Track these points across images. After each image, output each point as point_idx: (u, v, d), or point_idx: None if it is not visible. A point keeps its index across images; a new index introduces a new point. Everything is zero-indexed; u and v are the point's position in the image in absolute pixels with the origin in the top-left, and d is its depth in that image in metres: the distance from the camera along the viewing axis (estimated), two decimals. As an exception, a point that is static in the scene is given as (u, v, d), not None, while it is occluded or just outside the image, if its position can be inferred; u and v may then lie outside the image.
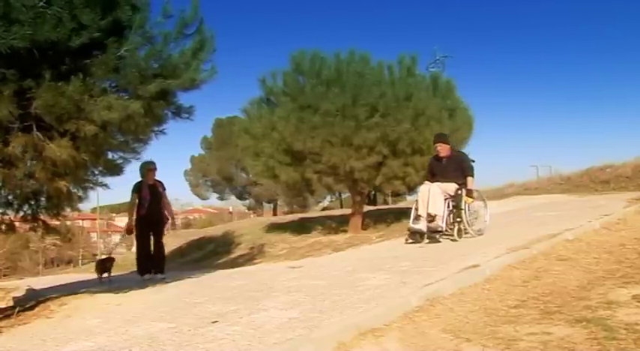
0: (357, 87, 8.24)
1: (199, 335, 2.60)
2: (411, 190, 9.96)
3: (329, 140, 8.25)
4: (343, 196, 26.63)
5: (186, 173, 33.74)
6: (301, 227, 10.94)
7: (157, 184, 6.21)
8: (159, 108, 4.41)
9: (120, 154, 4.94)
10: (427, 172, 6.31)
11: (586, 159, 57.36)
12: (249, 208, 36.88)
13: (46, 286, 7.77)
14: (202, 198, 35.94)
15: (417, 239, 5.69)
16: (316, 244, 8.55)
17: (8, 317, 4.08)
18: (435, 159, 6.16)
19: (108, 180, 5.13)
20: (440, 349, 2.19)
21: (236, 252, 10.59)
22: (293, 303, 3.13)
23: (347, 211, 11.32)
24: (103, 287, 5.68)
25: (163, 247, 6.35)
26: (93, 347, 2.69)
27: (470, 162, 6.11)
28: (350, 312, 2.70)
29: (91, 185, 5.02)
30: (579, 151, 69.92)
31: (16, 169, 3.91)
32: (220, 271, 6.60)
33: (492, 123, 78.39)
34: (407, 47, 67.93)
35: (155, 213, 6.08)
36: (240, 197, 33.98)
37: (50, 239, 25.29)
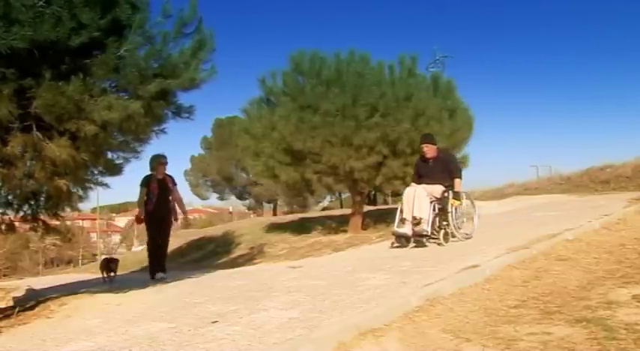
0: (357, 87, 8.23)
1: (199, 335, 2.59)
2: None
3: (329, 140, 8.25)
4: (343, 196, 26.62)
5: (186, 173, 33.72)
6: (301, 227, 10.93)
7: (167, 179, 5.98)
8: (159, 108, 4.41)
9: (120, 154, 4.93)
10: (413, 174, 6.14)
11: (586, 159, 57.42)
12: (249, 208, 36.87)
13: (46, 286, 7.77)
14: (202, 198, 35.92)
15: (403, 243, 5.52)
16: (316, 244, 8.55)
17: (8, 317, 4.08)
18: (422, 160, 5.98)
19: (108, 180, 5.12)
20: (440, 349, 2.19)
21: (236, 252, 10.59)
22: (293, 303, 3.12)
23: (347, 211, 11.32)
24: (103, 287, 5.68)
25: (167, 245, 6.18)
26: (93, 347, 2.68)
27: (457, 163, 5.93)
28: (350, 312, 2.70)
29: (91, 185, 5.01)
30: (579, 151, 70.06)
31: (16, 169, 3.90)
32: (220, 271, 6.59)
33: (492, 123, 78.58)
34: (407, 47, 67.95)
35: (163, 209, 5.87)
36: (240, 197, 33.96)
37: (50, 239, 25.29)
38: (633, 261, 3.71)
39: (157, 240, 5.90)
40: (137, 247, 29.23)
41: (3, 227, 4.91)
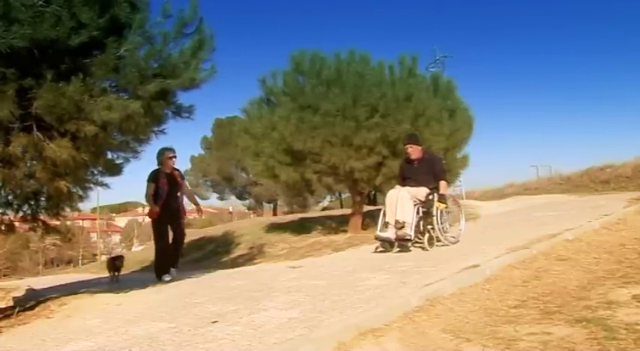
0: (358, 87, 8.22)
1: (199, 335, 2.60)
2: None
3: (329, 140, 8.24)
4: (343, 196, 26.58)
5: (186, 173, 33.49)
6: (301, 227, 10.92)
7: (176, 173, 5.76)
8: (159, 108, 4.41)
9: (120, 154, 4.93)
10: (398, 176, 5.91)
11: (586, 159, 57.50)
12: (249, 208, 36.86)
13: (46, 286, 7.77)
14: (202, 198, 35.82)
15: (387, 248, 5.34)
16: (316, 244, 8.54)
17: (8, 317, 4.08)
18: (406, 161, 5.78)
19: (108, 180, 5.11)
20: (440, 349, 2.19)
21: (236, 252, 10.58)
22: (293, 303, 3.12)
23: (347, 211, 11.31)
24: (103, 287, 5.68)
25: (183, 241, 5.92)
26: (93, 347, 2.68)
27: (443, 164, 5.71)
28: (350, 312, 2.70)
29: (91, 185, 5.01)
30: (579, 151, 70.08)
31: (17, 169, 3.91)
32: (220, 271, 6.59)
33: (492, 123, 78.62)
34: (407, 47, 68.13)
35: (174, 204, 5.65)
36: (240, 197, 33.94)
37: (50, 239, 25.31)
38: (633, 261, 3.71)
39: (167, 244, 5.67)
40: (137, 247, 29.24)
41: (3, 227, 4.91)
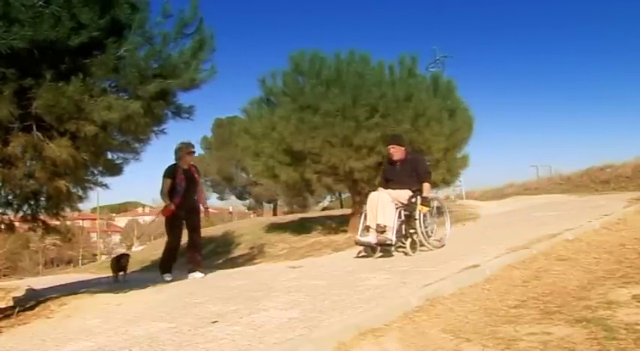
0: (357, 87, 8.22)
1: (199, 335, 2.59)
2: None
3: (329, 140, 8.24)
4: (343, 196, 26.60)
5: (186, 173, 33.65)
6: (301, 227, 10.93)
7: (193, 169, 5.62)
8: (159, 108, 4.41)
9: (120, 154, 4.93)
10: (381, 178, 5.73)
11: (586, 159, 57.55)
12: (249, 208, 36.88)
13: (46, 286, 7.76)
14: (202, 198, 35.87)
15: (369, 253, 5.18)
16: (316, 244, 8.54)
17: (8, 317, 4.08)
18: (389, 163, 5.60)
19: (108, 180, 5.11)
20: (440, 349, 2.19)
21: (236, 252, 10.59)
22: (293, 303, 3.12)
23: (347, 211, 11.31)
24: (103, 287, 5.67)
25: (200, 239, 5.82)
26: (93, 347, 2.68)
27: (427, 165, 5.53)
28: (350, 312, 2.70)
29: (91, 185, 5.01)
30: (579, 151, 70.14)
31: (16, 169, 3.90)
32: (220, 271, 6.58)
33: (492, 123, 78.68)
34: (407, 47, 68.19)
35: (191, 201, 5.52)
36: (240, 197, 33.97)
37: (50, 239, 25.31)
38: (633, 261, 3.71)
39: (178, 237, 5.54)
40: (137, 247, 29.23)
41: (3, 227, 4.91)
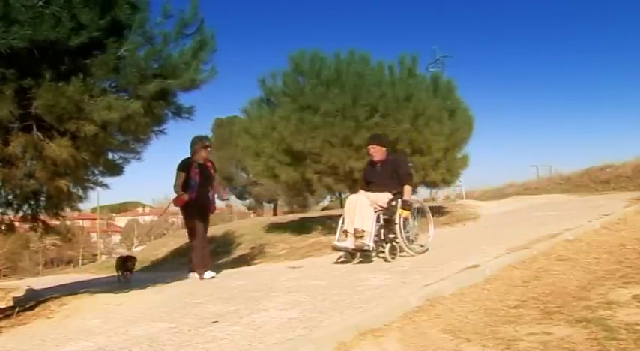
0: (357, 87, 8.23)
1: (199, 335, 2.60)
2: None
3: (329, 140, 8.24)
4: (343, 196, 26.58)
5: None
6: (301, 227, 10.92)
7: (209, 165, 5.46)
8: (159, 108, 4.40)
9: (120, 154, 4.93)
10: (361, 180, 5.53)
11: (586, 159, 57.59)
12: (249, 208, 36.86)
13: (46, 286, 7.77)
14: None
15: (348, 258, 4.97)
16: (316, 244, 8.54)
17: (8, 317, 4.08)
18: (370, 164, 5.38)
19: (108, 180, 5.11)
20: (440, 349, 2.19)
21: (236, 252, 10.58)
22: (293, 303, 3.13)
23: (347, 211, 11.29)
24: (104, 287, 5.67)
25: (208, 240, 5.66)
26: (93, 347, 2.68)
27: (408, 167, 5.34)
28: (350, 312, 2.70)
29: (91, 185, 5.00)
30: (579, 151, 70.07)
31: (17, 169, 3.90)
32: (220, 271, 6.59)
33: (492, 123, 78.69)
34: (407, 47, 68.22)
35: (205, 197, 5.35)
36: (240, 197, 33.95)
37: (50, 239, 25.34)
38: (633, 261, 3.71)
39: (203, 237, 5.38)
40: (137, 247, 29.21)
41: (3, 227, 4.91)
